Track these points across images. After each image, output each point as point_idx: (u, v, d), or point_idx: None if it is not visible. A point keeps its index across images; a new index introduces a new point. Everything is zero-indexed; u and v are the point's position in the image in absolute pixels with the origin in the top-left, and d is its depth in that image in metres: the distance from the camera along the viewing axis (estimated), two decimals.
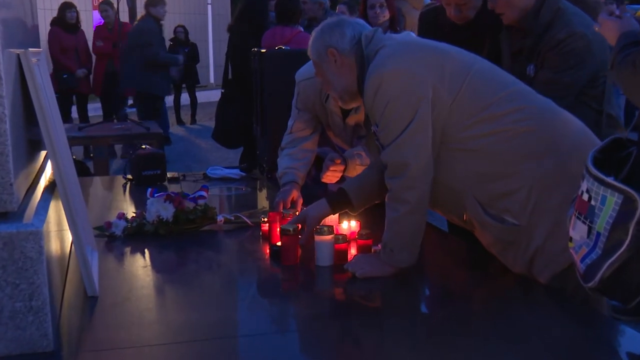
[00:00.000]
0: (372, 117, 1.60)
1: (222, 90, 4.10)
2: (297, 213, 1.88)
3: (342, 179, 2.15)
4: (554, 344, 1.24)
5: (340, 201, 1.76)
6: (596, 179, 1.17)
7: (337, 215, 1.82)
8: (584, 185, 1.20)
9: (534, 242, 1.52)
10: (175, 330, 1.31)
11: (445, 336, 1.28)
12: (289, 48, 3.01)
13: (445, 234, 2.09)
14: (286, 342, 1.30)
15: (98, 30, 6.67)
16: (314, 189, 2.34)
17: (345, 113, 1.98)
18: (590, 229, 1.17)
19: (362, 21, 1.71)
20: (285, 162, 2.14)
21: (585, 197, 1.18)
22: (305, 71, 2.08)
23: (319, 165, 2.19)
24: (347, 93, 1.71)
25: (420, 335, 1.30)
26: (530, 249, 1.53)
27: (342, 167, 2.10)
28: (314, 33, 1.73)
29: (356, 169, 2.10)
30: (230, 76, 4.06)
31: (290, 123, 2.17)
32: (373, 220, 1.86)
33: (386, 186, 1.56)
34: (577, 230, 1.20)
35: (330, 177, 2.11)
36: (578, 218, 1.21)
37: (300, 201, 2.07)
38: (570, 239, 1.25)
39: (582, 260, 1.20)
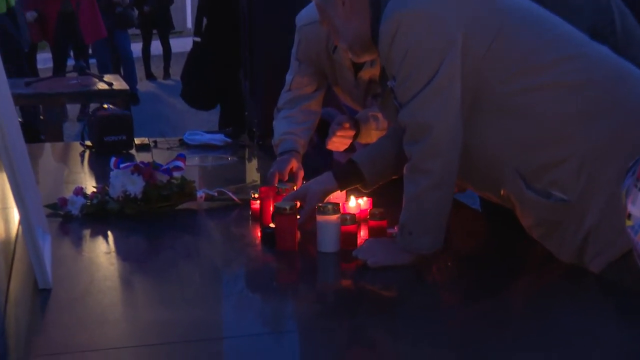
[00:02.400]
0: (389, 69, 1.58)
1: (195, 39, 4.04)
2: (295, 188, 1.88)
3: (352, 148, 2.14)
4: (606, 350, 1.24)
5: (349, 175, 1.75)
6: None
7: (344, 191, 1.82)
8: None
9: (587, 222, 1.51)
10: (146, 330, 1.32)
11: (473, 340, 1.28)
12: None
13: (477, 213, 2.09)
14: (281, 346, 1.30)
15: None
16: (316, 160, 2.33)
17: (358, 66, 1.95)
18: None
19: None
20: (283, 126, 2.12)
21: None
22: (308, 14, 2.04)
23: (323, 130, 2.18)
24: (358, 43, 1.68)
25: (443, 338, 1.31)
26: (582, 231, 1.52)
27: (352, 133, 2.08)
28: None
29: (371, 135, 2.08)
30: (205, 21, 4.00)
31: (288, 78, 2.14)
32: (388, 196, 1.85)
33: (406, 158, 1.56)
34: None
35: (338, 143, 2.10)
36: None
37: (301, 173, 2.06)
38: (629, 216, 1.23)
39: None
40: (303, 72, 2.09)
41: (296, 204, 1.72)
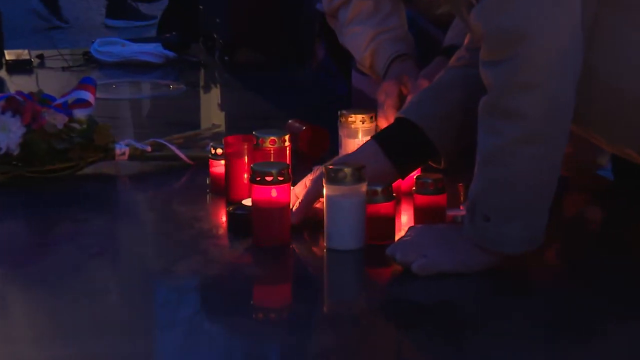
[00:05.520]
0: None
1: None
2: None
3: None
4: None
5: (412, 150, 1.77)
6: None
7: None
8: None
9: None
10: None
11: None
12: None
13: (605, 183, 2.11)
14: None
15: None
16: (324, 86, 2.33)
17: None
18: None
19: None
20: (364, 31, 2.18)
21: None
22: None
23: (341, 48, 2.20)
24: None
25: None
26: None
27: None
28: None
29: None
30: None
31: None
32: None
33: None
34: None
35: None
36: None
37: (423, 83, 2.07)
38: None
39: None
40: None
41: (289, 167, 1.73)
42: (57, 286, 1.61)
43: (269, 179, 1.69)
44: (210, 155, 1.96)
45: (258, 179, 1.69)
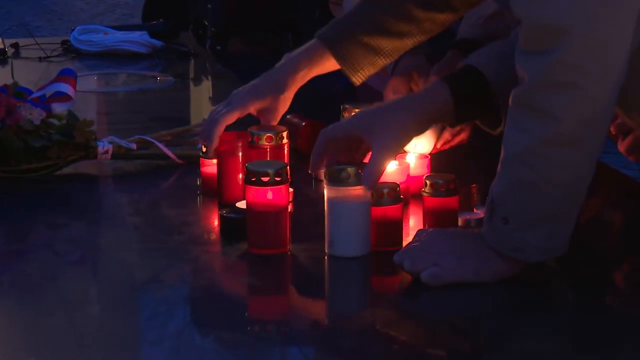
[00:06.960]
0: None
1: None
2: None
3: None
4: None
5: (475, 99, 1.74)
6: None
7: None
8: None
9: None
10: None
11: None
12: None
13: (634, 183, 2.10)
14: None
15: None
16: (326, 80, 2.34)
17: None
18: None
19: None
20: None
21: None
22: None
23: None
24: None
25: None
26: None
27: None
28: None
29: None
30: None
31: None
32: (464, 149, 1.86)
33: None
34: None
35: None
36: None
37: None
38: None
39: None
40: None
41: (287, 167, 1.72)
42: (33, 297, 1.60)
43: (265, 179, 1.68)
44: (201, 154, 1.96)
45: (253, 179, 1.69)
